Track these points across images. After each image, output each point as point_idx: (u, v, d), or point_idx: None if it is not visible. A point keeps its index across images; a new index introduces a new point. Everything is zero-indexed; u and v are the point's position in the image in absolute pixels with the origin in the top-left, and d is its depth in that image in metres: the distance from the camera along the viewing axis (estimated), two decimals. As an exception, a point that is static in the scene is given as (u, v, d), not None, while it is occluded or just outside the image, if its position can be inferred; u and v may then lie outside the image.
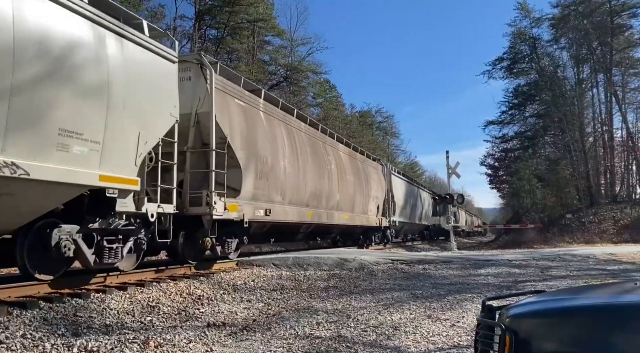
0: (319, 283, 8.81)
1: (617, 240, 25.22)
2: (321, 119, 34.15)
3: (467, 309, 6.46)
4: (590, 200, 31.88)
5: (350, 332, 5.26)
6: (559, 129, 35.79)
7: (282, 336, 5.04)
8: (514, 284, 8.90)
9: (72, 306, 5.57)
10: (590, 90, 36.97)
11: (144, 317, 5.62)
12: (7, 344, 4.17)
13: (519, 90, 40.46)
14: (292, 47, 38.55)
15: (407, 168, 59.60)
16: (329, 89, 44.23)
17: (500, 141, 42.37)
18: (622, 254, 14.99)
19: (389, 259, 11.76)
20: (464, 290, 8.14)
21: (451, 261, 12.22)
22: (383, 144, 58.21)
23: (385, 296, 7.58)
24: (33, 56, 5.11)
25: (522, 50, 39.59)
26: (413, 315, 6.13)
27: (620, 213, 29.05)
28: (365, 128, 51.12)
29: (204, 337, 4.89)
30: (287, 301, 7.12)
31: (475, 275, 10.30)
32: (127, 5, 21.53)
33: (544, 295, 2.76)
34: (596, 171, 34.42)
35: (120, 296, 6.28)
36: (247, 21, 32.83)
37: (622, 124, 34.70)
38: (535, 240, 26.36)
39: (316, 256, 10.93)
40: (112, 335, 4.76)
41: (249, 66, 32.31)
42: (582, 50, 35.59)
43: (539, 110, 39.60)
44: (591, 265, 12.46)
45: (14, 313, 5.02)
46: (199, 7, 30.76)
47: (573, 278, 9.60)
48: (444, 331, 5.29)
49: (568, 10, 35.68)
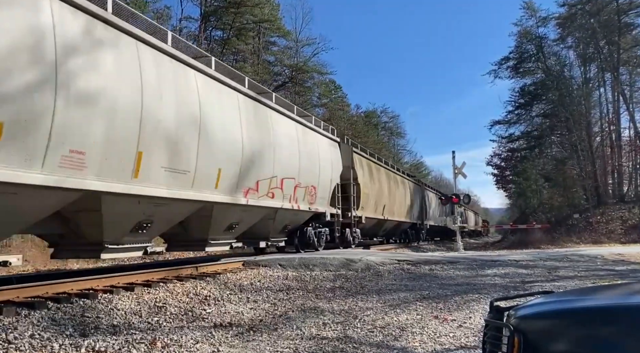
0: (325, 284, 8.81)
1: (625, 240, 25.04)
2: (326, 120, 34.18)
3: (474, 310, 6.43)
4: (597, 200, 31.69)
5: (356, 332, 5.25)
6: (565, 129, 35.60)
7: (288, 336, 5.04)
8: (521, 285, 8.85)
9: (80, 307, 5.60)
10: (597, 89, 36.78)
11: (151, 317, 5.64)
12: (15, 344, 4.20)
13: (525, 89, 40.32)
14: (298, 48, 38.66)
15: (413, 168, 59.49)
16: (334, 89, 44.30)
17: (507, 140, 42.22)
18: (631, 254, 14.88)
19: (395, 259, 11.74)
20: (470, 291, 8.11)
21: (458, 261, 12.18)
22: (389, 144, 58.14)
23: (391, 296, 7.57)
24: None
25: (528, 49, 39.46)
26: (420, 316, 6.11)
27: (628, 213, 28.84)
28: (370, 128, 51.10)
29: (210, 338, 4.90)
30: (294, 301, 7.12)
31: (482, 276, 10.26)
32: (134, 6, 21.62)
33: (553, 296, 2.74)
34: (603, 170, 34.19)
35: (127, 297, 6.31)
36: (253, 22, 32.94)
37: (630, 123, 34.52)
38: (542, 240, 26.22)
39: (322, 257, 10.94)
40: (119, 335, 4.78)
41: (254, 67, 32.40)
42: (589, 49, 35.40)
43: (545, 110, 39.41)
44: (599, 265, 12.37)
45: (22, 313, 5.06)
46: (204, 9, 30.90)
47: (581, 279, 9.54)
48: (451, 332, 5.27)
49: (575, 9, 35.52)
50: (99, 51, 6.05)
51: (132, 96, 6.50)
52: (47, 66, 5.25)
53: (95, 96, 5.90)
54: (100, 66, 6.05)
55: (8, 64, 4.85)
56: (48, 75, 5.25)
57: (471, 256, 14.37)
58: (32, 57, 5.11)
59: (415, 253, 16.70)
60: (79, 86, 5.67)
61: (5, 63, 4.83)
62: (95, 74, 5.94)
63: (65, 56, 5.47)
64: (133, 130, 6.48)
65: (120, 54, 6.41)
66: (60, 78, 5.37)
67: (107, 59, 6.17)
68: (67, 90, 5.47)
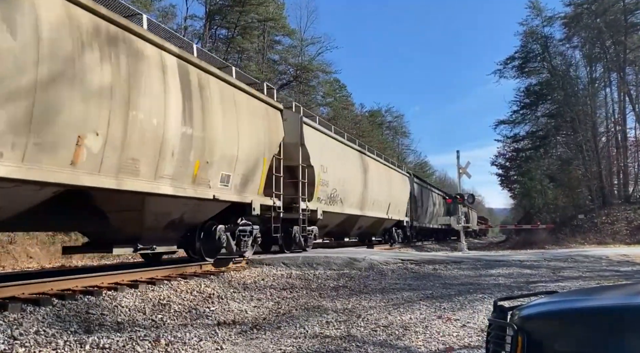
0: (329, 283, 8.82)
1: (630, 241, 24.90)
2: (331, 119, 34.16)
3: (478, 309, 6.42)
4: (602, 201, 31.53)
5: (360, 331, 5.26)
6: (571, 129, 35.44)
7: (292, 335, 5.05)
8: (525, 285, 8.83)
9: (85, 304, 5.63)
10: (603, 89, 36.56)
11: (155, 315, 5.67)
12: (20, 340, 4.23)
13: (531, 89, 40.10)
14: (302, 47, 38.65)
15: (417, 167, 59.43)
16: (339, 88, 44.25)
17: (512, 140, 41.99)
18: (636, 255, 14.79)
19: (399, 259, 11.73)
20: (474, 291, 8.09)
21: (462, 261, 12.16)
22: (393, 144, 58.09)
23: (395, 296, 7.57)
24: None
25: (534, 49, 39.24)
26: (423, 315, 6.11)
27: (634, 213, 28.69)
28: (375, 128, 51.04)
29: (214, 335, 4.91)
30: (297, 300, 7.13)
31: (486, 276, 10.24)
32: (139, 5, 21.67)
33: (557, 296, 2.73)
34: (609, 171, 34.01)
35: (131, 294, 6.34)
36: (258, 21, 32.94)
37: (636, 123, 34.32)
38: (547, 241, 26.11)
39: (326, 256, 10.94)
40: (123, 332, 4.80)
41: (259, 66, 32.42)
42: (595, 49, 35.19)
43: (550, 109, 39.21)
44: (604, 266, 12.32)
45: (27, 309, 5.09)
46: (209, 7, 30.91)
47: (585, 279, 9.51)
48: (454, 331, 5.26)
49: (581, 8, 35.31)
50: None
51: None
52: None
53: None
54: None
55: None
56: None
57: (475, 256, 14.34)
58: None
59: (419, 253, 16.68)
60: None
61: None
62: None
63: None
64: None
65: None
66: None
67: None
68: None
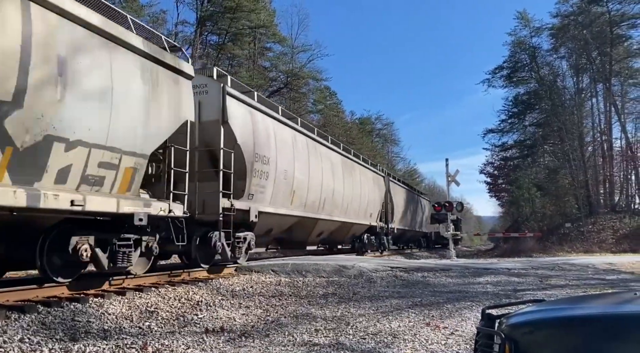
0: (318, 290, 8.80)
1: (616, 250, 25.24)
2: (321, 126, 34.23)
3: (466, 317, 6.45)
4: (589, 209, 31.92)
5: (348, 339, 5.25)
6: (558, 138, 35.92)
7: (280, 343, 5.02)
8: (513, 293, 8.88)
9: (71, 311, 5.56)
10: (590, 100, 37.20)
11: (142, 322, 5.61)
12: (5, 348, 4.16)
13: (519, 99, 40.67)
14: (293, 54, 38.79)
15: (407, 175, 59.66)
16: (329, 95, 44.44)
17: (500, 149, 42.54)
18: (621, 264, 14.98)
19: (388, 266, 11.74)
20: (463, 298, 8.12)
21: (450, 269, 12.21)
22: (383, 151, 58.30)
23: (384, 303, 7.57)
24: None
25: (522, 59, 39.89)
26: (412, 323, 6.11)
27: (620, 222, 29.10)
28: (365, 135, 51.22)
29: (202, 343, 4.87)
30: (286, 307, 7.10)
31: (474, 283, 10.28)
32: (130, 11, 21.63)
33: (544, 304, 2.76)
34: (595, 180, 34.49)
35: (118, 301, 6.27)
36: (249, 28, 33.02)
37: (622, 133, 34.95)
38: (534, 249, 26.35)
39: (315, 263, 10.92)
40: (110, 340, 4.75)
41: (249, 72, 32.44)
42: (582, 60, 35.81)
43: (538, 119, 39.77)
44: (590, 274, 12.45)
45: (12, 317, 5.01)
46: (200, 13, 30.95)
47: (572, 288, 9.59)
48: (442, 339, 5.27)
49: (568, 20, 35.94)
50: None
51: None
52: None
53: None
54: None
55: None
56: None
57: (463, 264, 14.40)
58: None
59: (408, 260, 16.73)
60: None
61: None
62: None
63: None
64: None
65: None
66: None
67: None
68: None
